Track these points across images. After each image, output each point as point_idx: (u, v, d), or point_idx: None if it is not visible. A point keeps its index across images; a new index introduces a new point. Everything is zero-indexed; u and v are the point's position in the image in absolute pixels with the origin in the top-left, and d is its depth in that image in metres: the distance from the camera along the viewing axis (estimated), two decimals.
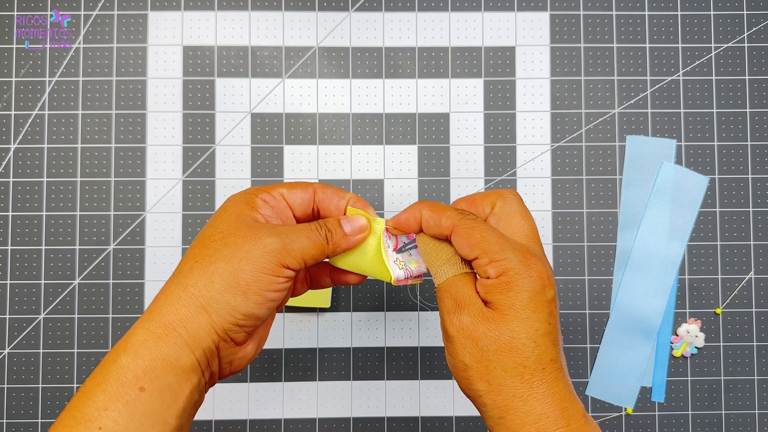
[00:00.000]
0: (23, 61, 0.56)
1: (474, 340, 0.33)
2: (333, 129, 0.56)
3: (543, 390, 0.32)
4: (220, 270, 0.32)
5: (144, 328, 0.32)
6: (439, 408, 0.55)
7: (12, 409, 0.54)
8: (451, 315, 0.34)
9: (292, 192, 0.37)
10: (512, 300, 0.32)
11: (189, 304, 0.32)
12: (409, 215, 0.37)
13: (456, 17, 0.57)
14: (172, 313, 0.32)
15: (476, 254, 0.34)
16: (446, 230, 0.35)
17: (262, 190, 0.36)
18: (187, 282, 0.33)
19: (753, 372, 0.55)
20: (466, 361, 0.33)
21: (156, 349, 0.31)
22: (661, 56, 0.57)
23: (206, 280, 0.32)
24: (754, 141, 0.56)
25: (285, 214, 0.37)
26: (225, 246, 0.33)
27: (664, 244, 0.55)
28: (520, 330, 0.32)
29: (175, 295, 0.32)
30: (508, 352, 0.32)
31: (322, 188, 0.38)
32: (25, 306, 0.55)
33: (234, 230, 0.33)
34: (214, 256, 0.33)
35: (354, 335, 0.55)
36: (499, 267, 0.33)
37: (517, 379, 0.32)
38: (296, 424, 0.55)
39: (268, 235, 0.33)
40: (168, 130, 0.56)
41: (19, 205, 0.55)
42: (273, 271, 0.33)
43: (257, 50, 0.56)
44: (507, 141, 0.56)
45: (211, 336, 0.32)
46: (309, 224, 0.35)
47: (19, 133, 0.55)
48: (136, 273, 0.55)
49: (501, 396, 0.32)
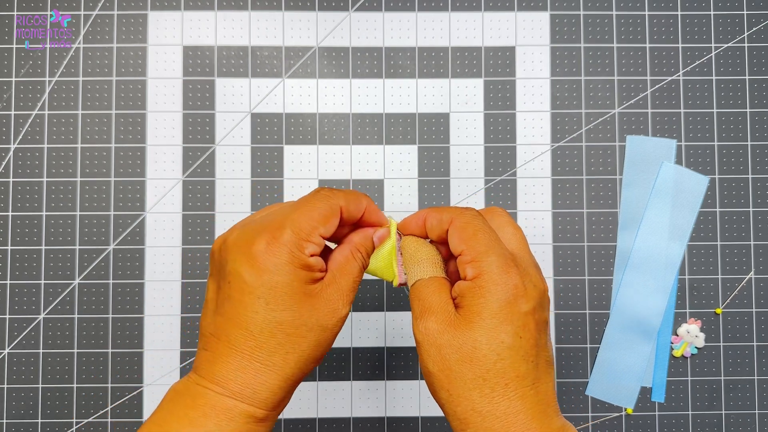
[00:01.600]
0: (23, 61, 0.56)
1: (438, 348, 0.31)
2: (333, 129, 0.56)
3: (504, 408, 0.30)
4: (310, 351, 0.33)
5: (247, 413, 0.31)
6: (439, 408, 0.55)
7: (12, 409, 0.54)
8: (417, 320, 0.33)
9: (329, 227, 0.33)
10: (480, 306, 0.31)
11: (291, 388, 0.33)
12: (413, 218, 0.37)
13: (456, 17, 0.57)
14: (274, 400, 0.32)
15: (462, 249, 0.32)
16: (445, 224, 0.34)
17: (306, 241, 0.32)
18: (287, 373, 0.32)
19: (753, 372, 0.55)
20: (429, 368, 0.32)
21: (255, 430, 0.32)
22: (661, 56, 0.57)
23: (302, 365, 0.33)
24: (754, 141, 0.56)
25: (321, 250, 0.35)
26: (311, 332, 0.32)
27: (664, 244, 0.55)
28: (482, 340, 0.30)
29: (278, 386, 0.32)
30: (468, 362, 0.31)
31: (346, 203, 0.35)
32: (25, 306, 0.55)
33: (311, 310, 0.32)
34: (304, 344, 0.32)
35: (354, 335, 0.55)
36: (477, 268, 0.31)
37: (475, 392, 0.31)
38: (296, 424, 0.55)
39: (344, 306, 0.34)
40: (168, 130, 0.56)
41: (19, 205, 0.55)
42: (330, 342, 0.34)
43: (257, 50, 0.56)
44: (507, 141, 0.56)
45: None
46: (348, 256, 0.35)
47: (19, 133, 0.55)
48: (136, 273, 0.55)
49: (460, 408, 0.31)
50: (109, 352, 0.55)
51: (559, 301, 0.56)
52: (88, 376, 0.54)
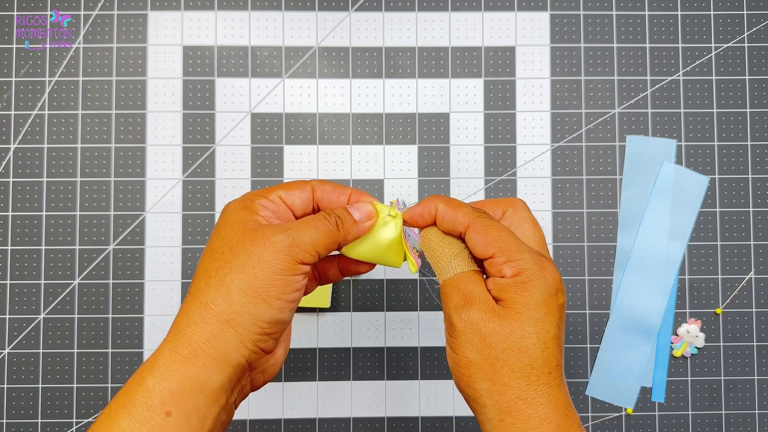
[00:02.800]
0: (23, 61, 0.56)
1: (482, 336, 0.32)
2: (333, 129, 0.56)
3: (547, 394, 0.32)
4: (236, 281, 0.31)
5: (170, 349, 0.30)
6: (439, 408, 0.55)
7: (12, 409, 0.54)
8: (459, 310, 0.33)
9: (290, 193, 0.36)
10: (526, 299, 0.32)
11: (212, 322, 0.31)
12: (423, 209, 0.36)
13: (456, 17, 0.57)
14: (197, 333, 0.31)
15: (492, 252, 0.33)
16: (461, 227, 0.35)
17: (259, 194, 0.35)
18: (206, 299, 0.31)
19: (753, 372, 0.55)
20: (471, 357, 0.32)
21: (183, 372, 0.30)
22: (661, 56, 0.57)
23: (225, 294, 0.31)
24: (754, 141, 0.56)
25: (285, 216, 0.36)
26: (234, 256, 0.32)
27: (664, 244, 0.55)
28: (531, 330, 0.32)
29: (197, 313, 0.31)
30: (516, 351, 0.32)
31: (320, 185, 0.37)
32: (25, 306, 0.55)
33: (239, 237, 0.32)
34: (226, 267, 0.31)
35: (354, 335, 0.55)
36: (516, 267, 0.32)
37: (523, 381, 0.31)
38: (296, 424, 0.55)
39: (276, 233, 0.32)
40: (168, 130, 0.56)
41: (19, 205, 0.55)
42: (288, 270, 0.32)
43: (257, 50, 0.56)
44: (507, 141, 0.56)
45: (241, 351, 0.31)
46: (316, 215, 0.34)
47: (19, 133, 0.55)
48: (136, 273, 0.55)
49: (504, 396, 0.32)
50: (109, 352, 0.55)
51: None
52: (88, 376, 0.54)
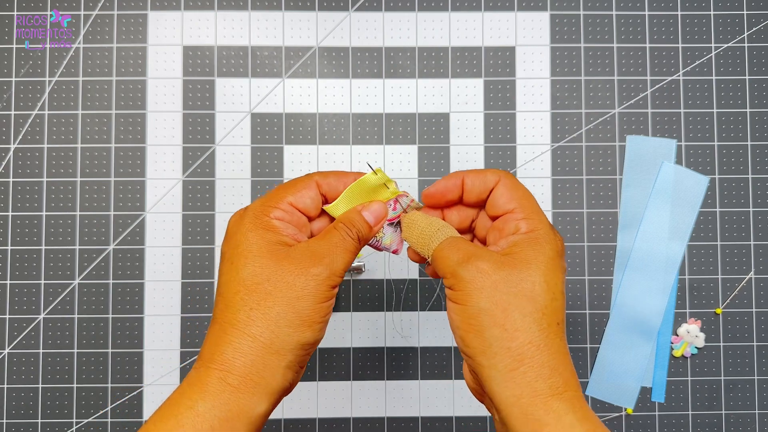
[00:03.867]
0: (23, 61, 0.56)
1: (493, 283, 0.32)
2: (333, 129, 0.56)
3: (557, 345, 0.32)
4: (283, 314, 0.32)
5: (219, 378, 0.31)
6: (439, 408, 0.55)
7: (12, 409, 0.54)
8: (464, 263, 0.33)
9: (299, 196, 0.36)
10: (537, 252, 0.33)
11: (263, 354, 0.32)
12: (449, 181, 0.37)
13: (456, 17, 0.57)
14: (247, 365, 0.32)
15: (513, 207, 0.35)
16: (491, 183, 0.36)
17: (270, 205, 0.35)
18: (253, 332, 0.32)
19: (753, 372, 0.55)
20: (482, 305, 0.32)
21: (234, 401, 0.31)
22: (661, 56, 0.57)
23: (273, 327, 0.32)
24: (754, 141, 0.56)
25: (301, 222, 0.36)
26: (276, 288, 0.32)
27: (664, 244, 0.55)
28: (541, 279, 0.32)
29: (246, 346, 0.32)
30: (528, 297, 0.32)
31: (323, 178, 0.37)
32: (25, 306, 0.55)
33: (276, 267, 0.33)
34: (269, 300, 0.32)
35: (354, 335, 0.55)
36: (531, 224, 0.34)
37: (535, 325, 0.32)
38: (296, 424, 0.55)
39: (313, 265, 0.33)
40: (168, 130, 0.56)
41: (19, 205, 0.55)
42: (326, 297, 0.33)
43: (257, 50, 0.56)
44: (507, 141, 0.56)
45: (287, 377, 0.33)
46: (339, 231, 0.35)
47: (19, 133, 0.55)
48: (136, 273, 0.55)
49: (516, 342, 0.31)
50: (109, 352, 0.55)
51: None
52: (88, 376, 0.54)
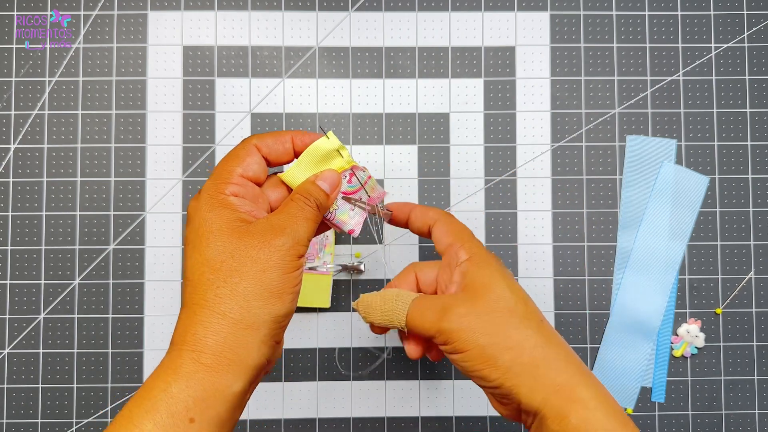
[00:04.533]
0: (23, 61, 0.56)
1: (478, 318, 0.35)
2: (333, 129, 0.56)
3: (556, 338, 0.35)
4: (251, 288, 0.32)
5: (192, 359, 0.31)
6: (439, 408, 0.55)
7: (12, 409, 0.54)
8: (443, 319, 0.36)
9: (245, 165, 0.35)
10: (489, 272, 0.37)
11: (234, 330, 0.32)
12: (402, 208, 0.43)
13: (456, 17, 0.57)
14: (219, 342, 0.31)
15: (451, 240, 0.39)
16: (431, 220, 0.41)
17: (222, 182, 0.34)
18: (222, 309, 0.32)
19: (753, 372, 0.55)
20: (481, 341, 0.34)
21: (208, 380, 0.31)
22: (661, 56, 0.57)
23: (242, 302, 0.32)
24: (754, 141, 0.56)
25: (255, 193, 0.36)
26: (240, 263, 0.32)
27: (664, 244, 0.55)
28: (507, 293, 0.36)
29: (216, 323, 0.32)
30: (510, 312, 0.35)
31: (260, 140, 0.37)
32: (25, 306, 0.55)
33: (238, 243, 0.33)
34: (235, 276, 0.32)
35: (354, 335, 0.55)
36: (469, 250, 0.38)
37: (529, 330, 0.35)
38: (296, 424, 0.55)
39: (276, 236, 0.33)
40: (168, 130, 0.56)
41: (19, 205, 0.55)
42: (293, 267, 0.33)
43: (257, 50, 0.56)
44: (507, 141, 0.56)
45: (262, 351, 0.33)
46: (297, 203, 0.35)
47: (19, 133, 0.55)
48: (136, 273, 0.55)
49: (526, 353, 0.34)
50: (109, 352, 0.55)
51: (559, 301, 0.56)
52: (88, 376, 0.54)
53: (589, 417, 0.32)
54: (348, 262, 0.55)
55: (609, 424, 0.32)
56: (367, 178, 0.40)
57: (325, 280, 0.54)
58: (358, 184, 0.40)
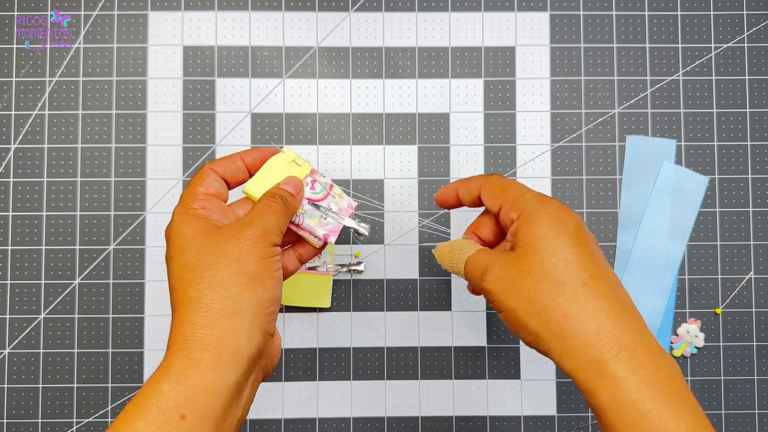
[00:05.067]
0: (23, 61, 0.56)
1: (512, 282, 0.34)
2: (333, 129, 0.56)
3: (592, 306, 0.32)
4: (228, 276, 0.33)
5: (183, 357, 0.31)
6: (439, 408, 0.55)
7: (12, 409, 0.54)
8: (483, 278, 0.36)
9: (206, 184, 0.38)
10: (534, 230, 0.34)
11: (219, 320, 0.32)
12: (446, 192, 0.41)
13: (456, 17, 0.57)
14: (207, 336, 0.32)
15: (500, 204, 0.37)
16: (475, 191, 0.39)
17: (189, 200, 0.37)
18: (205, 302, 0.32)
19: (753, 372, 0.55)
20: (512, 305, 0.34)
21: (198, 375, 0.31)
22: (661, 56, 0.57)
23: (221, 291, 0.32)
24: (754, 141, 0.56)
25: (220, 207, 0.38)
26: (215, 257, 0.33)
27: (664, 244, 0.55)
28: (546, 253, 0.33)
29: (201, 317, 0.32)
30: (543, 276, 0.33)
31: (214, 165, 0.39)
32: (25, 306, 0.55)
33: (210, 241, 0.34)
34: (211, 269, 0.33)
35: (354, 335, 0.55)
36: (519, 208, 0.36)
37: (560, 297, 0.32)
38: (296, 424, 0.55)
39: (245, 228, 0.34)
40: (168, 130, 0.56)
41: (19, 205, 0.55)
42: (267, 253, 0.34)
43: (257, 50, 0.56)
44: (507, 141, 0.56)
45: (252, 340, 0.33)
46: (263, 201, 0.37)
47: (20, 133, 0.55)
48: (136, 273, 0.55)
49: (552, 322, 0.32)
50: (109, 352, 0.55)
51: None
52: (88, 376, 0.54)
53: (620, 396, 0.30)
54: (348, 261, 0.55)
55: (648, 405, 0.30)
56: (329, 186, 0.41)
57: (325, 280, 0.54)
58: (322, 190, 0.41)
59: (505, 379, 0.55)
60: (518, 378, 0.55)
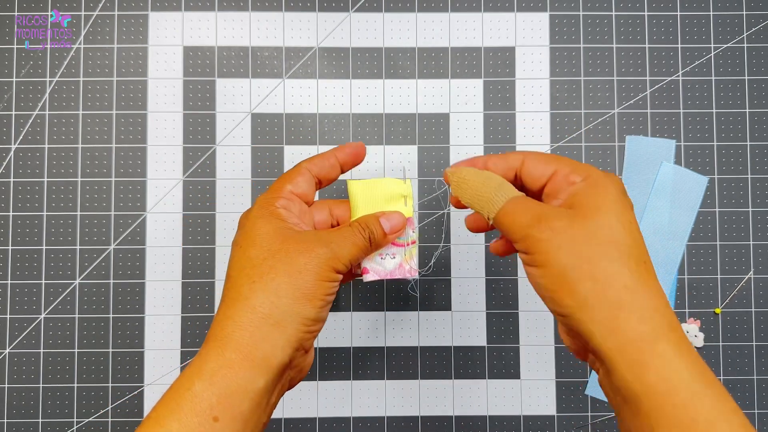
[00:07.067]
0: (23, 61, 0.56)
1: (572, 238, 0.31)
2: (333, 129, 0.56)
3: (652, 284, 0.31)
4: (283, 285, 0.33)
5: (217, 354, 0.32)
6: (439, 408, 0.55)
7: (12, 409, 0.54)
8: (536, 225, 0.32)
9: (295, 183, 0.38)
10: (603, 196, 0.32)
11: (261, 325, 0.32)
12: (475, 161, 0.38)
13: (456, 17, 0.57)
14: (245, 337, 0.32)
15: (552, 169, 0.35)
16: (515, 162, 0.36)
17: (273, 196, 0.37)
18: (253, 303, 0.33)
19: (752, 372, 0.55)
20: (565, 261, 0.31)
21: (231, 376, 0.31)
22: (660, 56, 0.57)
23: (273, 297, 0.33)
24: (753, 141, 0.57)
25: (301, 209, 0.38)
26: (279, 261, 0.34)
27: (664, 244, 0.56)
28: (616, 222, 0.32)
29: (245, 317, 0.32)
30: (611, 242, 0.31)
31: (309, 163, 0.39)
32: (26, 306, 0.55)
33: (280, 244, 0.34)
34: (272, 272, 0.33)
35: (354, 335, 0.55)
36: (583, 172, 0.34)
37: (625, 268, 0.31)
38: (296, 424, 0.55)
39: (319, 246, 0.35)
40: (168, 130, 0.56)
41: (20, 205, 0.55)
42: (328, 277, 0.34)
43: (257, 50, 0.56)
44: (507, 141, 0.57)
45: (286, 351, 0.33)
46: (352, 227, 0.37)
47: (20, 133, 0.56)
48: (136, 273, 0.55)
49: (611, 290, 0.30)
50: (109, 352, 0.55)
51: None
52: (88, 376, 0.54)
53: (671, 376, 0.29)
54: None
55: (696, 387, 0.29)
56: (411, 242, 0.40)
57: None
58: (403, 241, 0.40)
59: (504, 378, 0.55)
60: (518, 378, 0.55)
